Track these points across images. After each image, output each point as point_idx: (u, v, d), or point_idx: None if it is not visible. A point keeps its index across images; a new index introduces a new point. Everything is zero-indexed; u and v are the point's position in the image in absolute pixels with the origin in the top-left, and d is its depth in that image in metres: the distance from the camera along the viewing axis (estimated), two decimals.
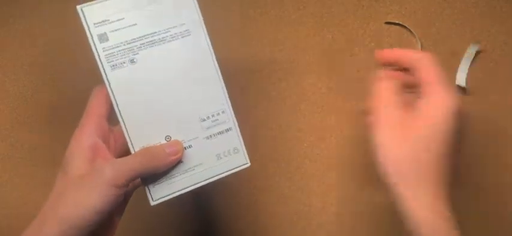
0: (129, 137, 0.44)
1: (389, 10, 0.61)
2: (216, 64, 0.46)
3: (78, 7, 0.45)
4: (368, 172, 0.63)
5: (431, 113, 0.41)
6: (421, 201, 0.40)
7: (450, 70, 0.61)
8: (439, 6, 0.61)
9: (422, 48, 0.61)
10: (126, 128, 0.44)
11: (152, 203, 0.45)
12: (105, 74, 0.44)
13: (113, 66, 0.44)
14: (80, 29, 0.62)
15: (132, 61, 0.45)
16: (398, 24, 0.61)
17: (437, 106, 0.41)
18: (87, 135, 0.42)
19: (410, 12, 0.61)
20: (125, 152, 0.44)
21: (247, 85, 0.62)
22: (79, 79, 0.62)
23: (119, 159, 0.41)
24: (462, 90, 0.61)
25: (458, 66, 0.61)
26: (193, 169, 0.46)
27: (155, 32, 0.45)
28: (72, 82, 0.62)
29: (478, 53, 0.60)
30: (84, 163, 0.40)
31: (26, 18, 0.62)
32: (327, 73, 0.62)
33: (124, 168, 0.40)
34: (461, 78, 0.61)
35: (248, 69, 0.62)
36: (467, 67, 0.61)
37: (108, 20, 0.45)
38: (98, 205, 0.38)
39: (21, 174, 0.63)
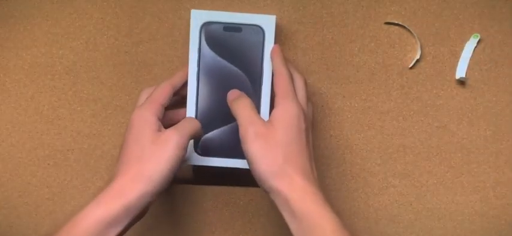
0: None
1: (389, 10, 0.61)
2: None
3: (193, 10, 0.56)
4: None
5: (281, 119, 0.50)
6: (294, 187, 0.48)
7: (450, 70, 0.61)
8: (439, 6, 0.61)
9: (422, 48, 0.61)
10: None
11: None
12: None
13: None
14: (80, 28, 0.62)
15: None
16: (398, 24, 0.61)
17: (283, 113, 0.50)
18: (153, 113, 0.51)
19: (410, 12, 0.61)
20: None
21: None
22: (80, 79, 0.62)
23: (176, 127, 0.51)
24: (462, 83, 0.61)
25: (457, 66, 0.61)
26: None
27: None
28: (72, 83, 0.62)
29: (479, 41, 0.60)
30: (153, 133, 0.50)
31: (26, 18, 0.62)
32: (327, 73, 0.62)
33: (185, 132, 0.50)
34: (461, 70, 0.61)
35: None
36: (468, 59, 0.61)
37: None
38: (173, 164, 0.49)
39: (22, 173, 0.63)
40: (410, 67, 0.62)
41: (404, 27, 0.61)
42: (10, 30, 0.62)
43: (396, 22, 0.61)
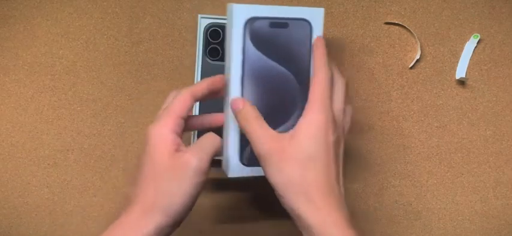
0: None
1: (389, 10, 0.61)
2: None
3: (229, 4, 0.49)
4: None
5: (304, 131, 0.45)
6: (315, 211, 0.43)
7: (450, 70, 0.62)
8: (439, 6, 0.61)
9: (422, 48, 0.61)
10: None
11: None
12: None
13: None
14: (80, 28, 0.62)
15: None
16: (398, 24, 0.61)
17: (308, 124, 0.45)
18: (171, 129, 0.46)
19: (410, 12, 0.61)
20: None
21: None
22: (80, 79, 0.62)
23: (195, 148, 0.46)
24: (462, 83, 0.61)
25: (457, 66, 0.61)
26: None
27: None
28: (72, 83, 0.62)
29: (479, 41, 0.61)
30: (171, 154, 0.45)
31: (26, 18, 0.62)
32: None
33: (205, 155, 0.46)
34: (461, 70, 0.61)
35: None
36: (468, 59, 0.61)
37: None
38: (193, 192, 0.45)
39: (22, 173, 0.63)
40: (411, 68, 0.62)
41: (404, 27, 0.61)
42: (10, 30, 0.62)
43: (396, 22, 0.61)
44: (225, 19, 0.59)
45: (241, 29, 0.49)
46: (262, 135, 0.45)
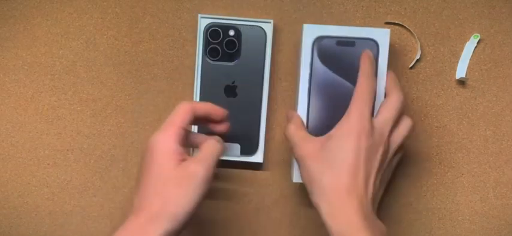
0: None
1: (389, 10, 0.61)
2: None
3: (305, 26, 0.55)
4: None
5: (337, 136, 0.49)
6: (331, 214, 0.47)
7: (450, 70, 0.61)
8: (439, 6, 0.61)
9: (422, 47, 0.61)
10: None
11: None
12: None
13: None
14: (80, 28, 0.62)
15: None
16: (398, 24, 0.61)
17: (340, 129, 0.49)
18: (175, 139, 0.47)
19: (410, 12, 0.61)
20: None
21: None
22: (80, 79, 0.62)
23: (201, 158, 0.48)
24: (462, 83, 0.61)
25: (458, 66, 0.61)
26: None
27: None
28: (72, 83, 0.62)
29: (479, 41, 0.60)
30: (176, 164, 0.46)
31: (26, 18, 0.62)
32: None
33: (210, 163, 0.47)
34: (461, 70, 0.61)
35: None
36: (468, 59, 0.61)
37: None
38: (199, 200, 0.46)
39: (22, 173, 0.63)
40: (410, 67, 0.62)
41: (404, 27, 0.61)
42: (10, 30, 0.62)
43: (396, 22, 0.61)
44: (225, 19, 0.59)
45: (309, 46, 0.55)
46: (301, 139, 0.51)
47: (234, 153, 0.60)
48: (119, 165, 0.62)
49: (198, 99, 0.59)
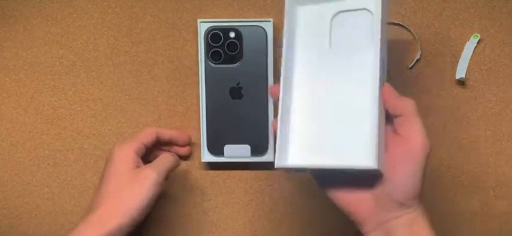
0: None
1: (389, 10, 0.61)
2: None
3: None
4: None
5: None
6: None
7: (450, 70, 0.61)
8: (439, 6, 0.61)
9: (422, 48, 0.61)
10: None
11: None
12: None
13: None
14: (80, 28, 0.62)
15: None
16: (398, 24, 0.61)
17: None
18: (133, 149, 0.54)
19: (410, 12, 0.61)
20: None
21: None
22: (80, 79, 0.62)
23: (155, 164, 0.55)
24: (462, 83, 0.61)
25: (457, 66, 0.61)
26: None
27: None
28: (72, 83, 0.62)
29: (479, 41, 0.60)
30: (132, 168, 0.53)
31: (26, 18, 0.62)
32: None
33: (162, 170, 0.54)
34: (461, 70, 0.61)
35: None
36: (468, 59, 0.61)
37: None
38: (150, 200, 0.52)
39: (21, 173, 0.63)
40: (410, 67, 0.62)
41: (404, 27, 0.61)
42: (10, 30, 0.62)
43: (396, 22, 0.61)
44: (224, 22, 0.59)
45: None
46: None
47: (245, 154, 0.60)
48: None
49: (204, 104, 0.59)
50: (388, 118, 0.48)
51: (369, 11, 0.49)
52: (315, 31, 0.51)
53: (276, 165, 0.48)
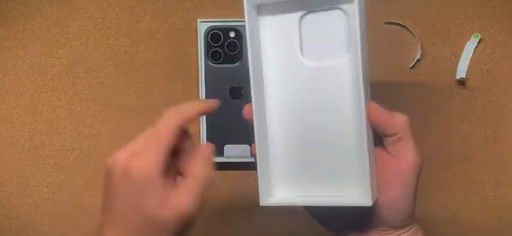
0: None
1: (390, 10, 0.61)
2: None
3: None
4: None
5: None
6: None
7: (451, 70, 0.61)
8: (439, 6, 0.61)
9: (423, 47, 0.61)
10: None
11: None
12: None
13: None
14: (80, 28, 0.62)
15: None
16: (398, 24, 0.61)
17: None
18: (160, 168, 0.39)
19: (410, 12, 0.61)
20: None
21: None
22: (80, 79, 0.62)
23: (192, 185, 0.40)
24: (462, 83, 0.61)
25: (458, 66, 0.61)
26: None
27: None
28: (72, 83, 0.62)
29: (480, 41, 0.60)
30: (161, 201, 0.39)
31: (26, 18, 0.62)
32: None
33: (199, 196, 0.40)
34: (462, 70, 0.61)
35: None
36: (469, 59, 0.61)
37: None
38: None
39: (21, 173, 0.62)
40: (411, 67, 0.61)
41: (404, 26, 0.61)
42: (10, 30, 0.62)
43: (396, 22, 0.61)
44: (224, 21, 0.59)
45: None
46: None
47: (245, 154, 0.60)
48: None
49: None
50: (375, 135, 0.43)
51: (342, 10, 0.42)
52: (283, 41, 0.44)
53: (261, 203, 0.43)
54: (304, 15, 0.43)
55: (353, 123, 0.42)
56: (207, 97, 0.60)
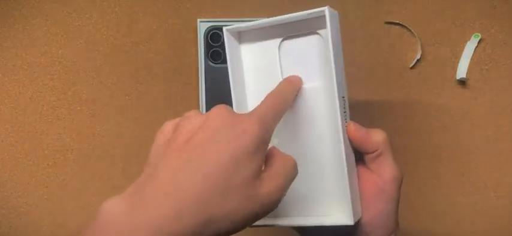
0: None
1: (390, 10, 0.61)
2: None
3: None
4: None
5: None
6: None
7: (451, 70, 0.61)
8: (439, 6, 0.61)
9: (423, 47, 0.61)
10: None
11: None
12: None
13: None
14: (80, 28, 0.62)
15: None
16: (398, 23, 0.61)
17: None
18: (263, 155, 0.36)
19: (410, 12, 0.61)
20: None
21: None
22: (79, 79, 0.62)
23: (276, 176, 0.36)
24: (463, 83, 0.61)
25: (458, 66, 0.61)
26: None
27: None
28: (72, 83, 0.62)
29: (480, 41, 0.60)
30: (253, 181, 0.35)
31: (26, 18, 0.62)
32: None
33: (286, 184, 0.37)
34: (462, 70, 0.61)
35: None
36: (469, 59, 0.61)
37: None
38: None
39: (21, 173, 0.62)
40: (411, 67, 0.61)
41: (404, 26, 0.61)
42: (10, 30, 0.61)
43: (397, 22, 0.61)
44: (224, 21, 0.59)
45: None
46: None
47: None
48: (118, 165, 0.62)
49: (204, 103, 0.59)
50: (356, 153, 0.44)
51: (319, 34, 0.43)
52: (264, 65, 0.45)
53: None
54: (283, 40, 0.44)
55: (332, 144, 0.43)
56: (207, 97, 0.60)
